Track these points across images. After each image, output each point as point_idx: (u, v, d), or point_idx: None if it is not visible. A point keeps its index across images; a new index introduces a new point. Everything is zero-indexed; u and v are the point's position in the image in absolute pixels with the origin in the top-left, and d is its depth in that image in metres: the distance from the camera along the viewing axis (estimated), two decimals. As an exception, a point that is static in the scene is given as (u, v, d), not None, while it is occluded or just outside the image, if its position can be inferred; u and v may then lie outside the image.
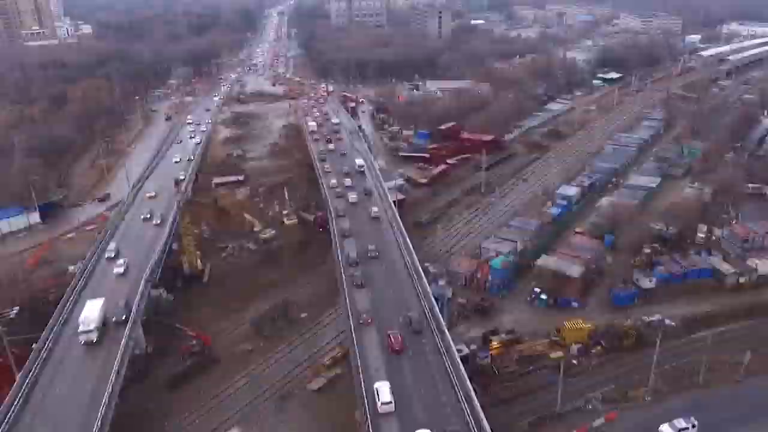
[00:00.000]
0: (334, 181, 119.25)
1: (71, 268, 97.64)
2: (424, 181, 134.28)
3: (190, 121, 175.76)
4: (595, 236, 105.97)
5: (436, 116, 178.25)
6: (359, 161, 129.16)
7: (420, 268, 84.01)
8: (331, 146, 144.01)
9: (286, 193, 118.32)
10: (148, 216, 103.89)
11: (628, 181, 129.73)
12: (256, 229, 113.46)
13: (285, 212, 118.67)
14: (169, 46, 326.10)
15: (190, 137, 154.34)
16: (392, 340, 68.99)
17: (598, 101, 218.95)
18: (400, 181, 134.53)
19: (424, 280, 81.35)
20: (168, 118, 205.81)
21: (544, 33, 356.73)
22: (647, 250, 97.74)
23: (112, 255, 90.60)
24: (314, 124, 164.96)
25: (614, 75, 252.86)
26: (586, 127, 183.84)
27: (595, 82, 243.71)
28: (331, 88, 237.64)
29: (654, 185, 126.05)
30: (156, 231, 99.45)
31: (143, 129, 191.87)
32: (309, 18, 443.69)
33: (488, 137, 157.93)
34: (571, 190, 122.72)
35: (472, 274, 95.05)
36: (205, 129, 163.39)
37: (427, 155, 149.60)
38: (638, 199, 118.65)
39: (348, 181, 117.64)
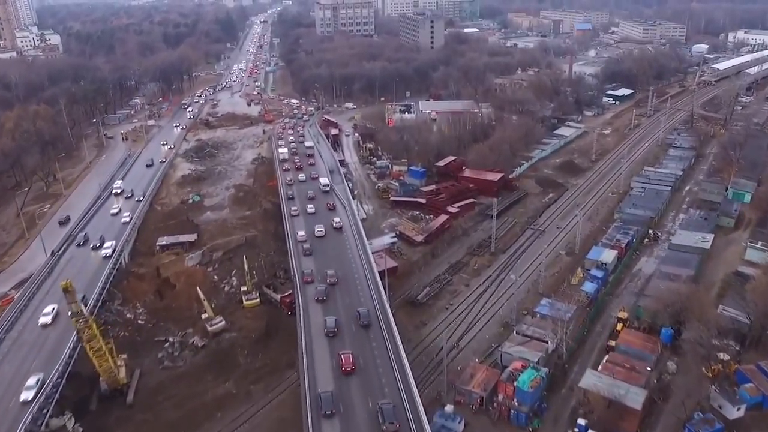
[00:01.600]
0: (302, 233, 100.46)
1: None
2: (420, 239, 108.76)
3: (118, 190, 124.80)
4: (646, 327, 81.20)
5: (431, 146, 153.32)
6: (324, 180, 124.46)
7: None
8: (301, 175, 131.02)
9: (245, 265, 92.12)
10: None
11: (674, 239, 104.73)
12: (204, 315, 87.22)
13: (244, 289, 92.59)
14: (138, 59, 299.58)
15: (95, 246, 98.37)
16: (343, 360, 66.09)
17: (612, 123, 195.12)
18: (390, 239, 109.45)
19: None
20: (125, 139, 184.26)
21: (543, 43, 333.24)
22: (725, 357, 72.75)
23: None
24: (285, 151, 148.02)
25: (625, 91, 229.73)
26: (605, 157, 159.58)
27: (605, 99, 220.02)
28: (311, 109, 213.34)
29: (707, 245, 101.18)
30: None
31: (92, 162, 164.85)
32: (293, 27, 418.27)
33: (495, 175, 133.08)
34: (607, 255, 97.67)
35: (490, 394, 69.67)
36: (128, 218, 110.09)
37: (422, 200, 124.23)
38: (692, 267, 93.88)
39: (311, 207, 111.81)
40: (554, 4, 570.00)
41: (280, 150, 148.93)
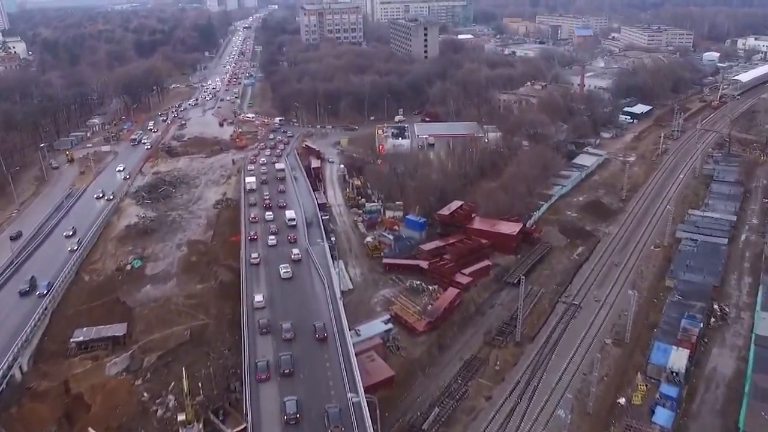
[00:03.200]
0: (259, 298, 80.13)
1: None
2: (422, 328, 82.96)
3: None
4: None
5: (431, 184, 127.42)
6: (290, 214, 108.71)
7: None
8: (269, 214, 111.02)
9: (184, 382, 65.66)
10: None
11: (757, 328, 79.51)
12: (119, 467, 61.06)
13: (182, 418, 66.12)
14: (104, 70, 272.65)
15: None
16: None
17: (635, 147, 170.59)
18: (383, 325, 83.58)
19: None
20: (71, 161, 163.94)
21: (545, 51, 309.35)
22: None
23: None
24: (253, 180, 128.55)
25: (643, 108, 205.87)
26: (636, 194, 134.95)
27: (622, 118, 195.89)
28: (289, 133, 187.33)
29: (804, 337, 76.48)
30: None
31: (25, 203, 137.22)
32: (277, 33, 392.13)
33: (513, 227, 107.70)
34: (677, 357, 72.27)
35: None
36: None
37: (424, 264, 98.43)
38: (795, 376, 69.09)
39: (272, 239, 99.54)
40: (549, 8, 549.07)
41: (248, 179, 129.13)
